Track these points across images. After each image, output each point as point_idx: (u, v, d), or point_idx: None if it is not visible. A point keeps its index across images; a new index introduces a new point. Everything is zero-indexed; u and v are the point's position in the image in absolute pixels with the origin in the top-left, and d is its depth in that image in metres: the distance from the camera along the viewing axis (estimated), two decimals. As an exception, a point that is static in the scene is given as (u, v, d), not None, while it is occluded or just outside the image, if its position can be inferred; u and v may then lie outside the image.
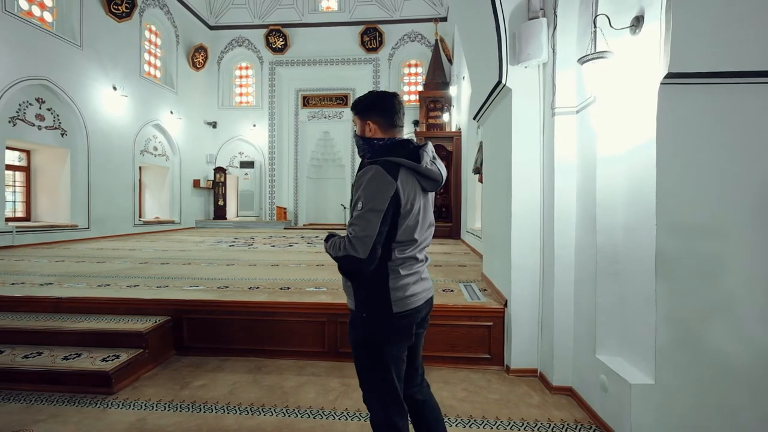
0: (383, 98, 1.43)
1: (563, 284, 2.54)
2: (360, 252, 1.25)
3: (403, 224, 1.32)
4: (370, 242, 1.25)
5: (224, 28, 12.80)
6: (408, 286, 1.36)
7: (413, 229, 1.35)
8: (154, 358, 2.81)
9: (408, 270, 1.37)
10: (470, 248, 6.87)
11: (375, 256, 1.27)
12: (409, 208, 1.32)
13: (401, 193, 1.29)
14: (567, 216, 2.54)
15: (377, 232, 1.25)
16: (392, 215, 1.29)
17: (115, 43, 9.02)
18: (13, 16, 6.72)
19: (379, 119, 1.42)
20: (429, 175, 1.37)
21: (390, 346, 1.37)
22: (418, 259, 1.41)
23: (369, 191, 1.27)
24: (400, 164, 1.32)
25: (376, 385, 1.40)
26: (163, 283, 3.73)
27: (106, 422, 2.11)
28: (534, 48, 2.62)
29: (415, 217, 1.34)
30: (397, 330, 1.37)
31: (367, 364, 1.41)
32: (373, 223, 1.25)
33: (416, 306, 1.38)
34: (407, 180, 1.32)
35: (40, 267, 4.71)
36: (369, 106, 1.43)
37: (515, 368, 2.80)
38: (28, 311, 3.17)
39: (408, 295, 1.35)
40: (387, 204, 1.26)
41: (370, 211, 1.26)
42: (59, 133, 7.83)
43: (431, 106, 10.78)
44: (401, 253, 1.35)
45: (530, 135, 2.80)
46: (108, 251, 6.31)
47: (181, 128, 11.51)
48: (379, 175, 1.28)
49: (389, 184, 1.27)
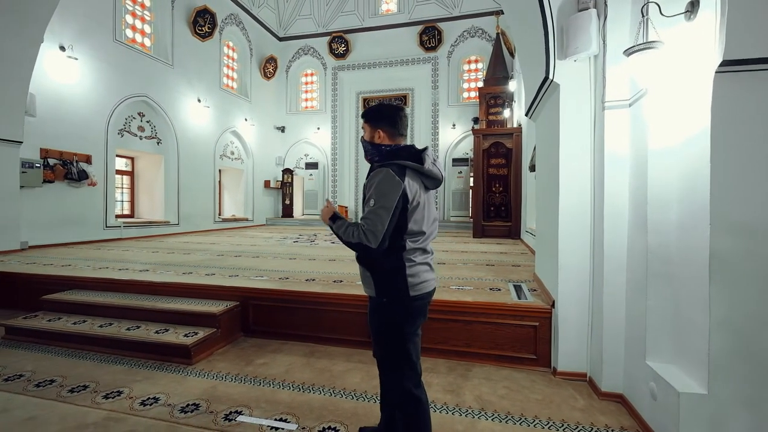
0: (393, 111, 1.65)
1: (614, 286, 2.44)
2: (372, 242, 1.47)
3: (412, 218, 1.53)
4: (380, 235, 1.47)
5: (291, 39, 13.69)
6: (421, 273, 1.57)
7: (421, 223, 1.56)
8: (225, 337, 3.22)
9: (420, 259, 1.58)
10: (528, 248, 6.64)
11: (383, 246, 1.49)
12: (415, 204, 1.53)
13: (408, 191, 1.50)
14: (618, 214, 2.43)
15: (386, 226, 1.47)
16: (402, 210, 1.50)
17: (200, 60, 10.15)
18: (121, 44, 7.92)
19: (387, 128, 1.64)
20: (430, 175, 1.58)
21: (408, 325, 1.57)
22: (427, 251, 1.62)
23: (380, 190, 1.49)
24: (407, 166, 1.54)
25: (398, 363, 1.59)
26: (234, 273, 4.21)
27: (186, 386, 2.50)
28: (583, 41, 2.54)
29: (421, 212, 1.56)
30: (414, 311, 1.57)
31: (391, 344, 1.60)
32: (383, 218, 1.47)
33: (428, 291, 1.59)
34: (413, 179, 1.54)
35: (140, 256, 5.55)
36: (380, 116, 1.65)
37: (562, 371, 2.73)
38: (131, 292, 3.80)
39: (422, 281, 1.57)
40: (396, 202, 1.48)
41: (381, 208, 1.47)
42: (156, 142, 9.04)
43: (491, 102, 10.51)
44: (413, 244, 1.56)
45: (579, 131, 2.71)
46: (192, 244, 7.17)
47: (253, 133, 12.56)
48: (388, 177, 1.49)
49: (398, 185, 1.48)
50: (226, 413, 2.18)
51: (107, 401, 2.30)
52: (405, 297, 1.54)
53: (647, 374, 2.05)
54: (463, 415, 2.21)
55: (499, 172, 8.88)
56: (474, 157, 9.18)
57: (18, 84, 5.73)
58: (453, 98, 12.47)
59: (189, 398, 2.34)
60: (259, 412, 2.19)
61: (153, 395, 2.37)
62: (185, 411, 2.19)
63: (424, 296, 1.58)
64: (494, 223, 8.83)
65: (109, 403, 2.27)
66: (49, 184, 6.61)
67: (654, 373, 1.98)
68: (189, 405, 2.26)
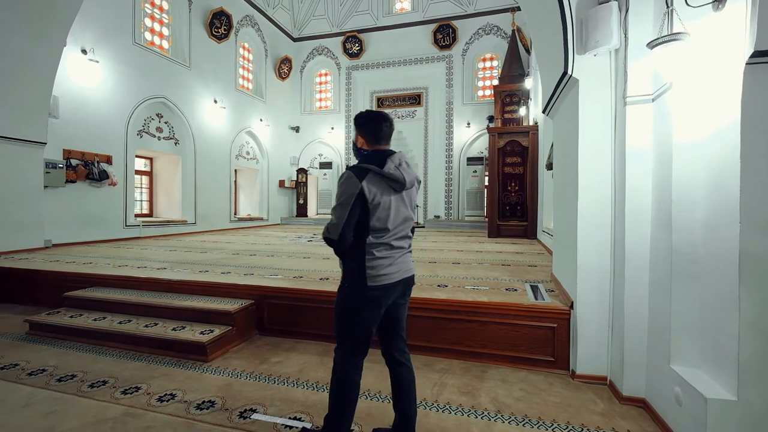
0: (372, 119, 1.79)
1: (636, 286, 2.36)
2: (333, 234, 1.65)
3: (374, 215, 1.66)
4: (338, 228, 1.63)
5: (306, 39, 13.78)
6: (381, 266, 1.70)
7: (385, 220, 1.69)
8: (240, 335, 3.25)
9: (382, 254, 1.70)
10: (545, 248, 6.52)
11: (344, 239, 1.65)
12: (376, 203, 1.65)
13: (366, 191, 1.63)
14: (640, 213, 2.35)
15: (344, 222, 1.63)
16: (362, 208, 1.65)
17: (216, 61, 10.30)
18: (140, 46, 8.09)
19: (366, 135, 1.79)
20: (392, 178, 1.68)
21: (363, 312, 1.71)
22: (393, 246, 1.74)
23: (340, 190, 1.67)
24: (369, 169, 1.66)
25: (347, 344, 1.77)
26: (249, 271, 4.24)
27: (202, 383, 2.52)
28: (603, 34, 2.47)
29: (386, 211, 1.68)
30: (369, 299, 1.70)
31: (344, 326, 1.76)
32: (339, 214, 1.64)
33: (387, 283, 1.71)
34: (374, 181, 1.66)
35: (158, 254, 5.66)
36: (363, 123, 1.80)
37: (581, 374, 2.66)
38: (148, 289, 3.87)
39: (380, 274, 1.69)
40: (353, 200, 1.62)
41: (339, 205, 1.65)
42: (173, 143, 9.21)
43: (507, 100, 10.38)
44: (376, 239, 1.69)
45: (599, 127, 2.64)
46: (209, 243, 7.29)
47: (268, 134, 12.70)
48: (348, 178, 1.65)
49: (354, 185, 1.63)
50: (241, 411, 2.19)
51: (126, 397, 2.34)
52: (363, 286, 1.68)
53: (672, 379, 1.98)
54: (479, 417, 2.18)
55: (514, 171, 8.75)
56: (489, 156, 9.07)
57: (42, 87, 5.91)
58: (467, 97, 12.35)
59: (205, 395, 2.36)
60: (273, 410, 2.20)
61: (170, 391, 2.41)
62: (201, 408, 2.22)
63: (380, 288, 1.70)
64: (510, 223, 8.70)
65: (128, 399, 2.31)
66: (72, 184, 6.80)
67: (679, 377, 1.91)
68: (205, 402, 2.28)
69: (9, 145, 5.60)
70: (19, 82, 5.59)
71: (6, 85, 5.45)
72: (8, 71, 5.43)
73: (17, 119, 5.67)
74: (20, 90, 5.63)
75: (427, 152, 12.80)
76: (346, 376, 1.76)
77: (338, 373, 1.78)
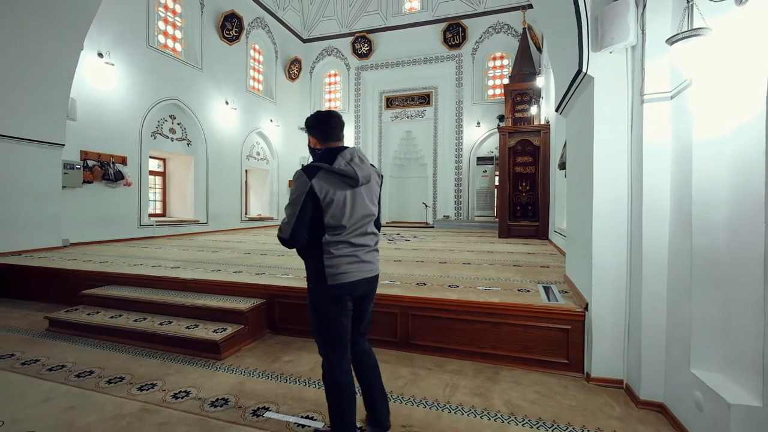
0: (320, 119, 1.80)
1: (653, 288, 2.31)
2: (284, 233, 1.66)
3: (327, 212, 1.66)
4: (290, 227, 1.64)
5: (315, 40, 13.84)
6: (340, 265, 1.69)
7: (340, 218, 1.67)
8: (252, 334, 3.27)
9: (340, 251, 1.70)
10: (557, 249, 6.44)
11: (296, 237, 1.65)
12: (329, 201, 1.65)
13: (316, 189, 1.63)
14: (658, 214, 2.30)
15: (295, 219, 1.63)
16: (314, 206, 1.65)
17: (227, 63, 10.41)
18: (154, 49, 8.22)
19: (316, 134, 1.81)
20: (344, 174, 1.67)
21: (330, 311, 1.72)
22: (353, 244, 1.73)
23: (292, 189, 1.70)
24: (319, 167, 1.66)
25: (321, 341, 1.78)
26: (260, 271, 4.28)
27: (215, 381, 2.55)
28: (620, 31, 2.42)
29: (340, 208, 1.67)
30: (332, 299, 1.71)
31: (316, 325, 1.79)
32: (290, 213, 1.65)
33: (348, 281, 1.70)
34: (325, 179, 1.65)
35: (172, 254, 5.74)
36: (310, 124, 1.83)
37: (596, 377, 2.62)
38: (163, 288, 3.93)
39: (340, 272, 1.69)
40: (303, 198, 1.63)
41: (290, 204, 1.66)
42: (186, 144, 9.34)
43: (517, 99, 10.28)
44: (332, 237, 1.69)
45: (615, 126, 2.59)
46: (220, 243, 7.36)
47: (278, 134, 12.79)
48: (299, 177, 1.66)
49: (304, 183, 1.63)
50: (254, 409, 2.20)
51: (142, 393, 2.37)
52: (324, 285, 1.69)
53: (692, 383, 1.93)
54: (492, 419, 2.15)
55: (526, 171, 8.66)
56: (500, 156, 9.00)
57: (60, 89, 6.04)
58: (477, 96, 12.27)
59: (218, 393, 2.38)
60: (285, 409, 2.21)
61: (184, 388, 2.43)
62: (215, 405, 2.24)
63: (341, 286, 1.70)
64: (521, 223, 8.63)
65: (144, 395, 2.34)
66: (88, 184, 6.94)
67: (700, 382, 1.86)
68: (218, 399, 2.30)
69: (30, 146, 5.73)
70: (39, 86, 5.72)
71: (27, 88, 5.58)
72: (29, 75, 5.57)
73: (37, 121, 5.80)
74: (40, 93, 5.76)
75: (437, 152, 12.75)
76: (331, 377, 1.76)
77: (325, 376, 1.78)
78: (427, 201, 12.98)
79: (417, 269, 4.41)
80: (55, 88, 5.96)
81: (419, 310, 3.11)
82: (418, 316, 3.11)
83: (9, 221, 5.52)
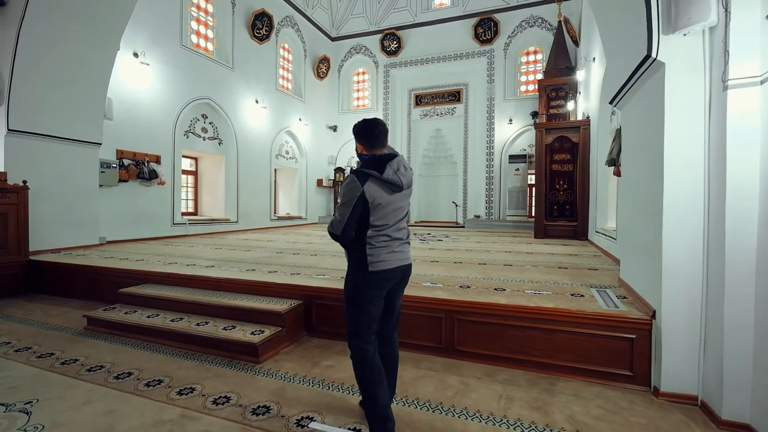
0: (366, 127, 1.98)
1: (738, 296, 2.05)
2: (336, 230, 1.89)
3: (375, 214, 1.89)
4: (341, 225, 1.87)
5: (344, 38, 13.78)
6: (380, 254, 1.93)
7: (385, 218, 1.92)
8: (289, 336, 3.17)
9: (380, 243, 1.93)
10: (600, 250, 6.08)
11: (347, 234, 1.89)
12: (377, 204, 1.87)
13: (367, 194, 1.85)
14: (744, 212, 2.04)
15: (347, 219, 1.86)
16: (363, 208, 1.87)
17: (257, 62, 10.48)
18: (187, 49, 8.35)
19: (363, 142, 2.00)
20: (391, 182, 1.89)
21: (366, 291, 1.94)
22: (392, 237, 1.96)
23: (344, 192, 1.90)
24: (369, 174, 1.87)
25: (355, 319, 1.96)
26: (295, 271, 4.19)
27: (256, 386, 2.45)
28: (699, 10, 2.16)
29: (385, 210, 1.91)
30: (372, 282, 1.93)
31: (351, 308, 1.98)
32: (343, 213, 1.87)
33: (386, 268, 1.93)
34: (374, 185, 1.87)
35: (205, 252, 5.76)
36: (358, 132, 2.00)
37: (666, 391, 2.36)
38: (197, 287, 3.90)
39: (379, 260, 1.92)
40: (354, 202, 1.85)
41: (343, 205, 1.88)
42: (217, 143, 9.45)
43: (552, 94, 9.88)
44: (375, 233, 1.92)
45: (689, 115, 2.33)
46: (252, 242, 7.38)
47: (307, 133, 12.81)
48: (351, 182, 1.88)
49: (356, 188, 1.85)
50: (298, 418, 2.08)
51: (181, 398, 2.30)
52: (365, 270, 1.92)
53: (795, 407, 1.67)
54: (557, 439, 1.95)
55: (563, 169, 8.26)
56: (536, 153, 8.63)
57: (98, 90, 6.18)
58: (510, 92, 11.89)
59: (259, 399, 2.28)
60: (331, 419, 2.08)
61: (224, 394, 2.35)
62: (257, 413, 2.13)
63: (380, 272, 1.92)
64: (558, 223, 8.24)
65: (183, 400, 2.27)
66: (124, 183, 7.10)
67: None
68: (260, 407, 2.20)
69: (68, 145, 5.89)
70: (78, 86, 5.86)
71: (67, 89, 5.73)
72: (69, 76, 5.71)
73: (77, 121, 5.95)
74: (79, 93, 5.90)
75: (467, 150, 12.44)
76: (362, 359, 1.92)
77: (355, 358, 1.95)
78: (457, 200, 12.69)
79: (456, 271, 4.21)
80: (93, 88, 6.09)
81: (465, 314, 2.92)
82: (464, 321, 2.92)
83: (49, 219, 5.67)
